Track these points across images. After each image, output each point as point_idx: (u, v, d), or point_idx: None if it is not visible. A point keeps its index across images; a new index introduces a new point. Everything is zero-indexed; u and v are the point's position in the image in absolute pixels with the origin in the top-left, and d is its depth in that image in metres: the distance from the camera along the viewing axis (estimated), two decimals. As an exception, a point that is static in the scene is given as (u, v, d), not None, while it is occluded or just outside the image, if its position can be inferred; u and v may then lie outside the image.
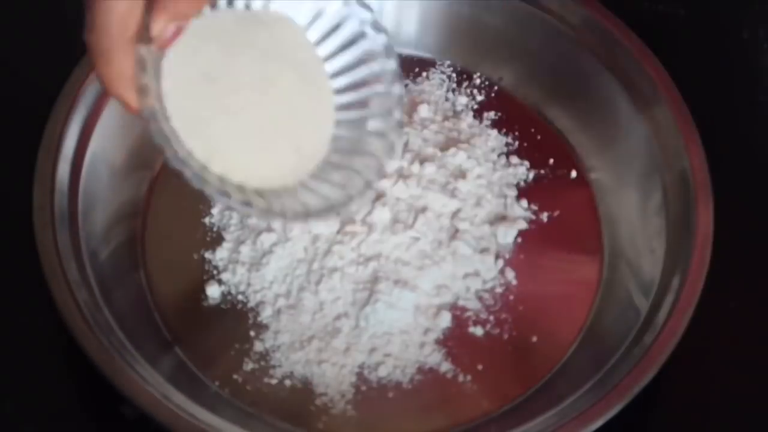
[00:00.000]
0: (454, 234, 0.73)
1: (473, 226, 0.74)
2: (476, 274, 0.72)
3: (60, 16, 0.85)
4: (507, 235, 0.74)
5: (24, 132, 0.70)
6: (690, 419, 0.70)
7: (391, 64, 0.60)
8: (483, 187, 0.75)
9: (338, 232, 0.71)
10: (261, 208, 0.57)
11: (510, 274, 0.73)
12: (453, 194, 0.74)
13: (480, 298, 0.71)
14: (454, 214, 0.73)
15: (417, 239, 0.72)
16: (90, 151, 0.70)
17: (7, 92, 0.80)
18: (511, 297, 0.72)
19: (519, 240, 0.74)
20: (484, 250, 0.73)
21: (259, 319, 0.70)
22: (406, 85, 0.82)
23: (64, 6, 0.86)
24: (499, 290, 0.72)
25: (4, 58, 0.83)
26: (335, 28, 0.60)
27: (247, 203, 0.56)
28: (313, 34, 0.60)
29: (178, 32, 0.53)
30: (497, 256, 0.73)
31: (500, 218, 0.75)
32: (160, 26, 0.52)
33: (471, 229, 0.73)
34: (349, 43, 0.61)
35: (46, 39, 0.83)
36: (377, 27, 0.60)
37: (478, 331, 0.70)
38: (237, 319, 0.70)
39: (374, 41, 0.60)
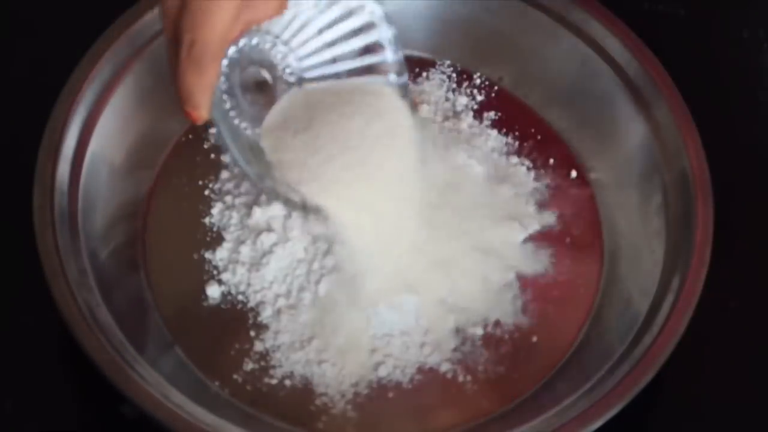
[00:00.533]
0: (455, 234, 0.73)
1: (474, 226, 0.74)
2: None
3: (60, 16, 0.85)
4: (510, 236, 0.74)
5: (24, 132, 0.70)
6: (690, 419, 0.70)
7: (395, 56, 0.68)
8: (483, 188, 0.76)
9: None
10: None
11: (511, 275, 0.72)
12: (453, 194, 0.74)
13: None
14: (455, 215, 0.74)
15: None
16: (90, 151, 0.70)
17: (7, 92, 0.80)
18: (511, 298, 0.72)
19: (520, 240, 0.74)
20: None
21: (259, 319, 0.70)
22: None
23: (65, 6, 0.86)
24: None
25: (4, 57, 0.83)
26: (346, 16, 0.67)
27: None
28: (324, 19, 0.67)
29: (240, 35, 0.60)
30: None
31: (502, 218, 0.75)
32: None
33: (472, 230, 0.73)
34: (358, 31, 0.67)
35: (46, 39, 0.83)
36: (388, 20, 0.67)
37: (478, 331, 0.70)
38: (237, 319, 0.70)
39: (382, 33, 0.67)
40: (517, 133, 0.80)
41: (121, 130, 0.73)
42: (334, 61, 0.69)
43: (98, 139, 0.71)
